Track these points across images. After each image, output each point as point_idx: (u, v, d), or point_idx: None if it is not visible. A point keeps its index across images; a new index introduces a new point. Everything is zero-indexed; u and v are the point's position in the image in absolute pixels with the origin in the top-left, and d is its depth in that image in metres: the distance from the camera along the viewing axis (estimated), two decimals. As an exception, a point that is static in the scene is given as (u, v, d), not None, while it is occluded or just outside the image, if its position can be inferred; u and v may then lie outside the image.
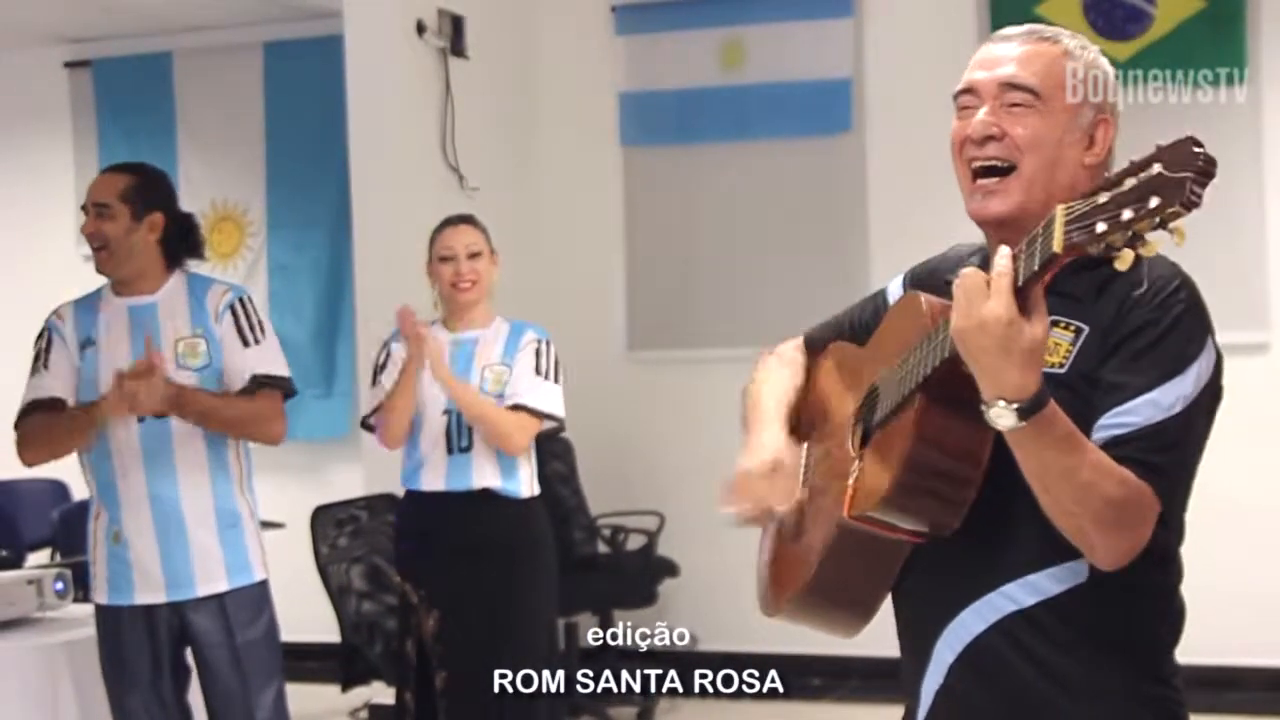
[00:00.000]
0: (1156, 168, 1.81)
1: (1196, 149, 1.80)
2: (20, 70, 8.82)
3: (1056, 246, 1.85)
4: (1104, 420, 2.06)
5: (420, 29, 6.78)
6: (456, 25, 6.96)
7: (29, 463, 4.31)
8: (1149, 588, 2.18)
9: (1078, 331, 2.13)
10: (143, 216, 4.28)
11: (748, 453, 2.38)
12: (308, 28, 7.99)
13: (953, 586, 2.21)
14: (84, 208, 4.31)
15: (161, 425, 4.18)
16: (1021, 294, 1.91)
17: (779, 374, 2.54)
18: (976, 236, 2.35)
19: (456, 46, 6.96)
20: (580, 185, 7.70)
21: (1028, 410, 1.93)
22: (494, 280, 4.94)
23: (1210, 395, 2.12)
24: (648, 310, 7.60)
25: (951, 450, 2.09)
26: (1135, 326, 2.10)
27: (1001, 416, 1.94)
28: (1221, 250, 6.65)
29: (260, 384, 4.26)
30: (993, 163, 2.22)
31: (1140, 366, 2.08)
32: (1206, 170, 1.79)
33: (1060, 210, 1.87)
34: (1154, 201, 1.79)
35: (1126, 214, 1.80)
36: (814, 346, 2.56)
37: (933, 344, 2.07)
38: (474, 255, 4.87)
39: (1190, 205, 1.78)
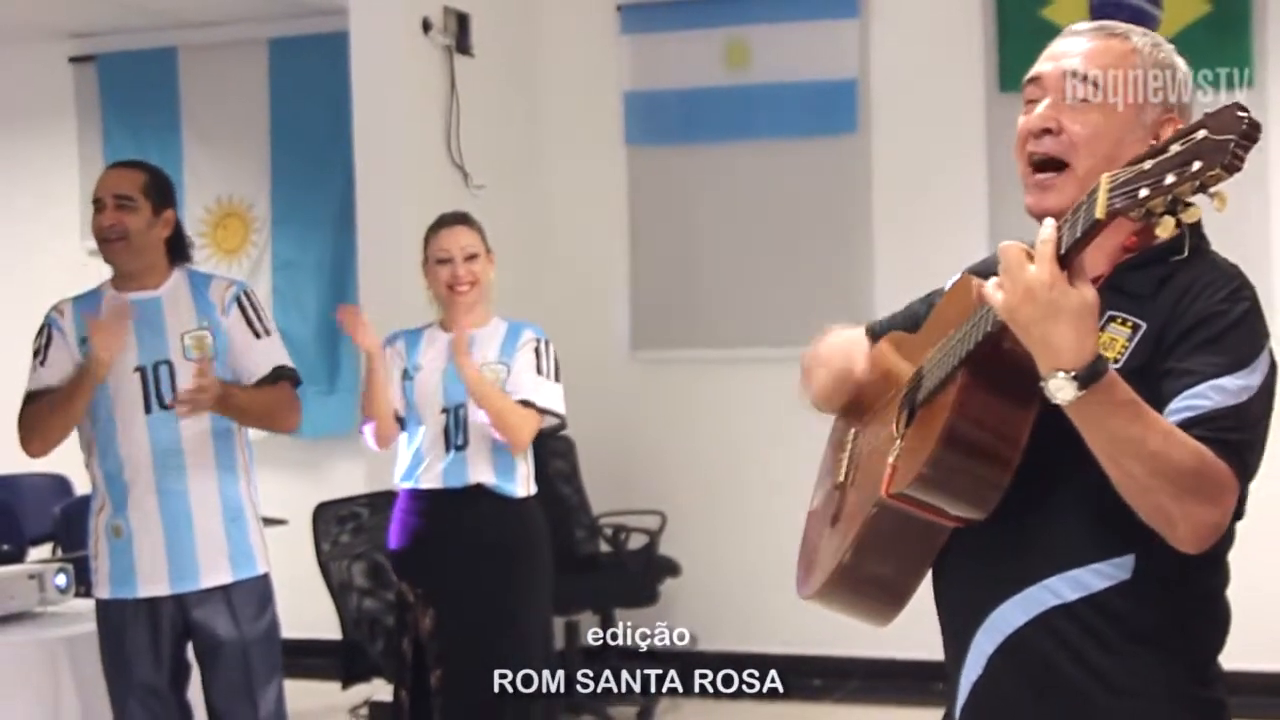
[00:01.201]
0: (1202, 133, 1.80)
1: (1240, 113, 1.80)
2: (25, 65, 8.81)
3: (1099, 213, 1.85)
4: (1174, 405, 2.03)
5: (426, 27, 6.77)
6: (462, 23, 6.96)
7: (33, 453, 4.31)
8: (1195, 589, 2.16)
9: (1135, 327, 2.11)
10: (160, 212, 4.35)
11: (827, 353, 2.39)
12: (313, 24, 7.98)
13: (995, 577, 2.19)
14: (98, 200, 4.30)
15: (169, 417, 4.20)
16: (1064, 261, 1.90)
17: (842, 336, 2.49)
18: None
19: (462, 44, 6.95)
20: (585, 184, 7.69)
21: (1086, 378, 1.90)
22: (491, 280, 4.92)
23: (1271, 397, 2.10)
24: (651, 310, 7.60)
25: (990, 429, 2.07)
26: (1202, 317, 2.08)
27: (1061, 389, 1.92)
28: (1224, 251, 6.64)
29: (281, 374, 4.33)
30: (1048, 157, 2.20)
31: (1208, 354, 2.05)
32: (1250, 134, 1.79)
33: (1105, 178, 1.86)
34: (1196, 165, 1.79)
35: (1169, 178, 1.80)
36: (874, 335, 2.53)
37: (976, 320, 2.05)
38: (471, 257, 4.84)
39: (1232, 168, 1.79)
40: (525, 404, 4.75)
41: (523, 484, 4.85)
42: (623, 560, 7.10)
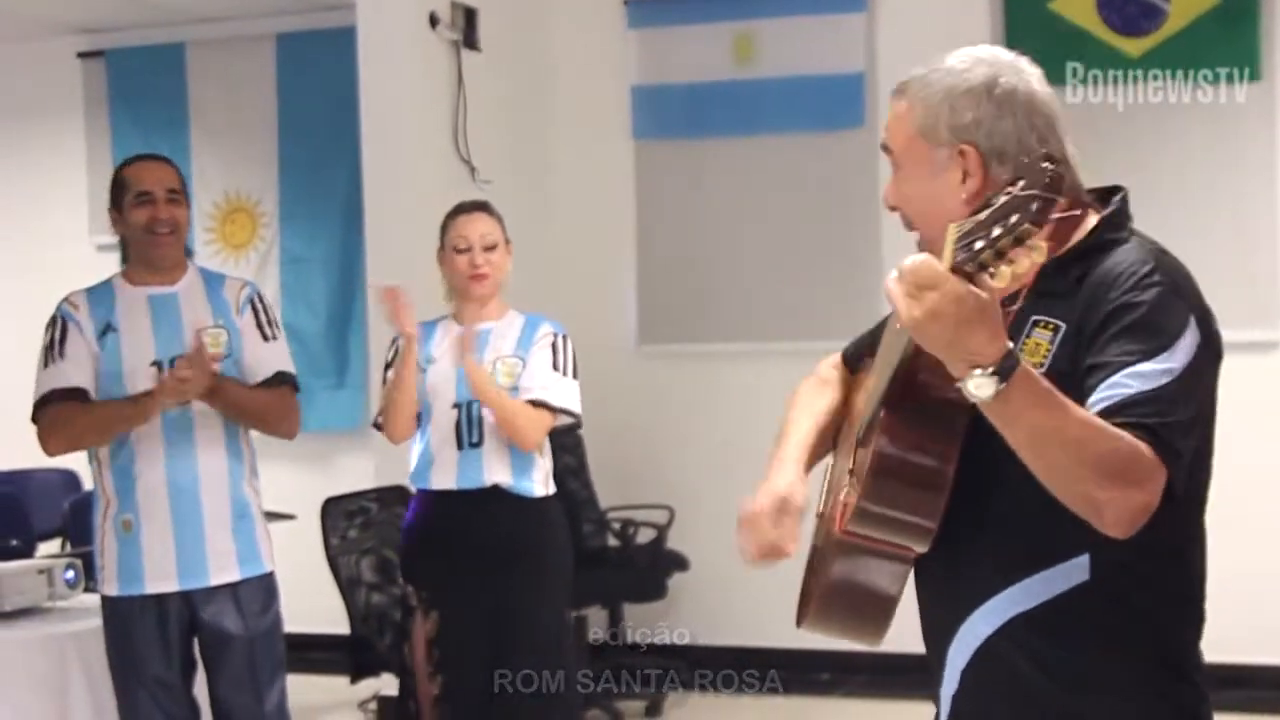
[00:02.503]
0: (1020, 184, 1.83)
1: (1045, 164, 1.83)
2: (33, 61, 8.83)
3: (945, 267, 1.88)
4: (1094, 397, 2.04)
5: (433, 21, 6.77)
6: (469, 18, 6.96)
7: (53, 452, 4.31)
8: (1161, 582, 2.17)
9: (1056, 329, 2.13)
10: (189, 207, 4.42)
11: (762, 489, 2.39)
12: (320, 19, 7.99)
13: (957, 593, 2.22)
14: (145, 193, 4.29)
15: (183, 414, 4.22)
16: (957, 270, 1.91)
17: (810, 399, 2.55)
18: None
19: (469, 39, 6.95)
20: (592, 179, 7.69)
21: (1004, 371, 1.91)
22: (508, 271, 4.77)
23: (1198, 378, 2.09)
24: (658, 304, 7.60)
25: (917, 457, 2.11)
26: (1115, 307, 2.09)
27: (981, 386, 1.92)
28: (1231, 248, 6.65)
29: (283, 379, 4.33)
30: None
31: (1124, 343, 2.06)
32: (1052, 186, 1.81)
33: (951, 229, 1.89)
34: (1013, 218, 1.81)
35: (995, 230, 1.82)
36: (850, 362, 2.58)
37: (895, 351, 2.09)
38: (490, 246, 4.68)
39: (1037, 222, 1.80)
40: (538, 404, 4.58)
41: (541, 483, 4.68)
42: (631, 555, 7.09)
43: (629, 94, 7.61)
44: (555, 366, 4.65)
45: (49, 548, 7.71)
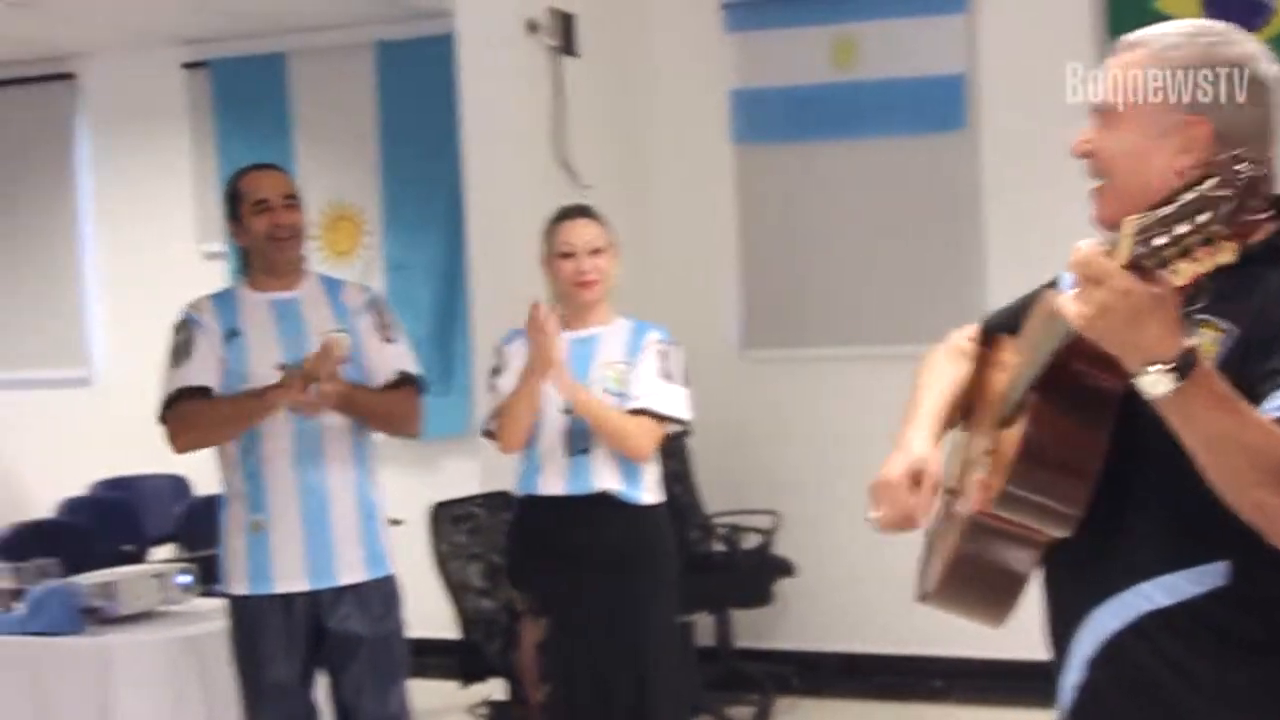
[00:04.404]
0: (1212, 180, 1.78)
1: (1238, 165, 1.78)
2: (139, 72, 8.97)
3: (1122, 262, 1.84)
4: (1267, 404, 2.00)
5: (531, 28, 6.80)
6: (568, 24, 6.98)
7: (182, 449, 4.37)
8: None
9: (1225, 332, 2.08)
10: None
11: (894, 455, 2.36)
12: (419, 27, 8.05)
13: (1088, 582, 2.19)
14: (262, 201, 4.36)
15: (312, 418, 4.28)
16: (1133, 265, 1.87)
17: (944, 368, 2.52)
18: (1090, 236, 2.35)
19: (568, 45, 6.97)
20: (692, 183, 7.70)
21: (1184, 367, 1.88)
22: (616, 276, 4.69)
23: None
24: (761, 309, 7.58)
25: (1066, 444, 2.09)
26: None
27: (1157, 383, 1.89)
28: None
29: (406, 380, 4.41)
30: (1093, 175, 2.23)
31: None
32: (1249, 189, 1.76)
33: (1128, 223, 1.86)
34: (1203, 216, 1.77)
35: (1181, 227, 1.78)
36: (991, 332, 2.54)
37: (1052, 336, 2.07)
38: (596, 251, 4.62)
39: (1227, 223, 1.76)
40: (648, 412, 4.52)
41: (650, 490, 4.62)
42: (737, 560, 7.08)
43: (727, 99, 7.61)
44: (664, 374, 4.59)
45: (161, 553, 7.82)
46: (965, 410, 2.49)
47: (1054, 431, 2.09)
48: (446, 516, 6.15)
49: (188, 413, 4.28)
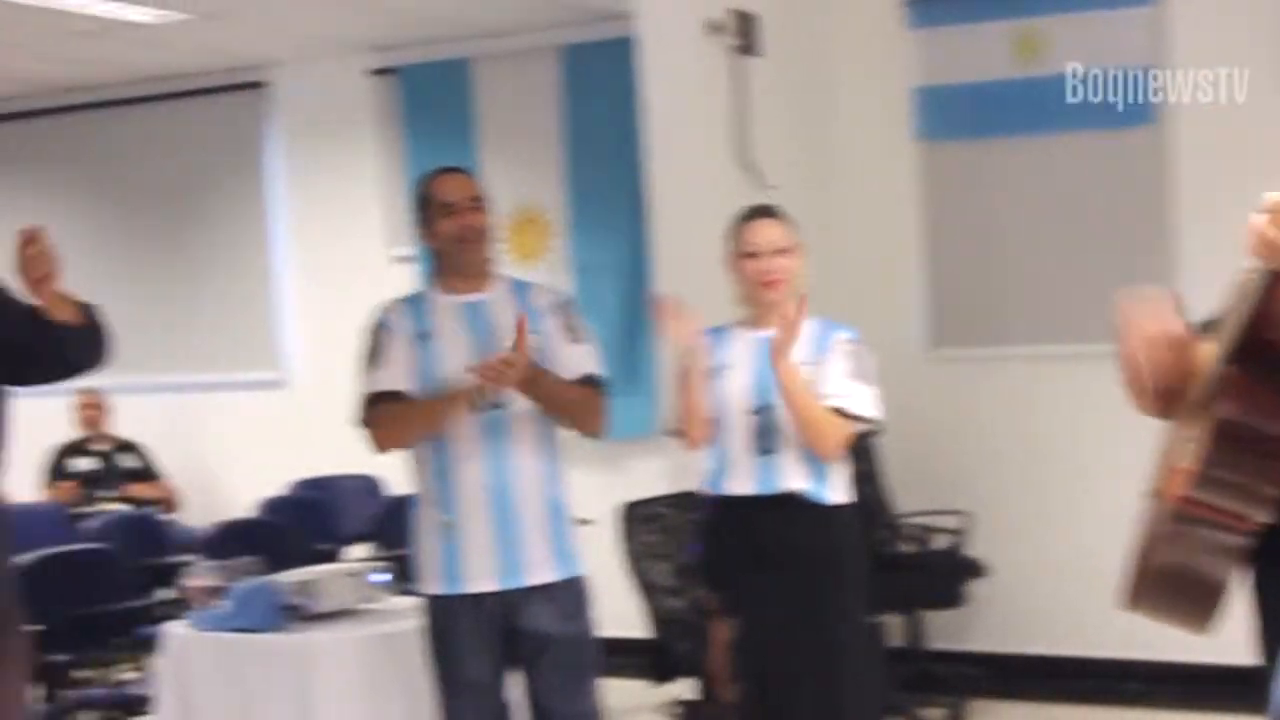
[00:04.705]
0: None
1: None
2: (328, 79, 9.15)
3: None
4: None
5: (713, 29, 6.82)
6: (749, 24, 6.99)
7: (384, 448, 4.41)
8: None
9: None
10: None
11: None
12: (602, 30, 8.09)
13: None
14: (448, 204, 4.42)
15: (500, 415, 4.33)
16: None
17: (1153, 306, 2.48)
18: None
19: (749, 45, 6.98)
20: (876, 181, 7.65)
21: None
22: (801, 277, 4.65)
23: None
24: (949, 307, 7.52)
25: (1264, 418, 2.04)
26: None
27: None
28: None
29: (591, 381, 4.45)
30: None
31: None
32: None
33: None
34: None
35: None
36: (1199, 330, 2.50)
37: (1242, 303, 2.02)
38: (780, 251, 4.60)
39: None
40: (838, 411, 4.49)
41: (838, 490, 4.59)
42: (927, 561, 7.03)
43: (912, 95, 7.56)
44: (853, 374, 4.56)
45: (355, 552, 7.96)
46: (1173, 395, 2.44)
47: (1251, 404, 2.04)
48: (636, 516, 6.18)
49: (389, 414, 4.35)
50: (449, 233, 4.42)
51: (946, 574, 7.03)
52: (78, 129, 9.97)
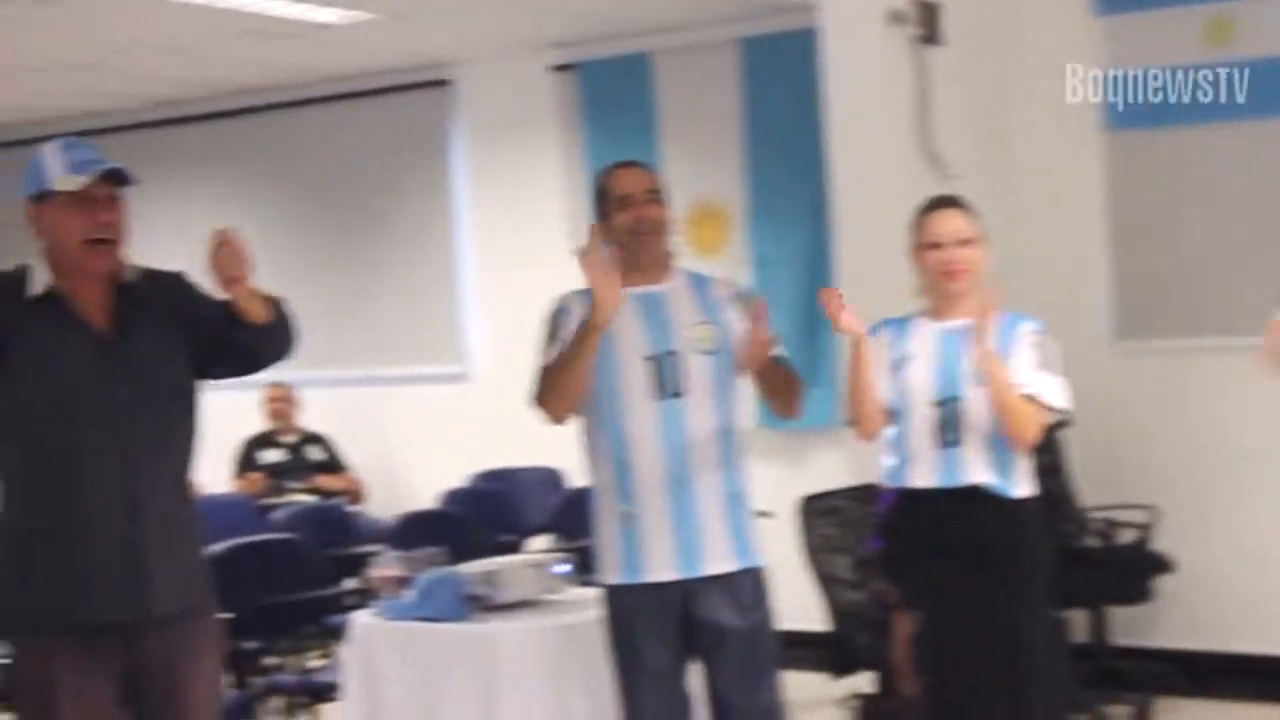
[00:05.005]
0: None
1: None
2: (510, 76, 9.24)
3: None
4: None
5: (895, 19, 6.78)
6: (932, 13, 6.94)
7: (552, 413, 4.40)
8: None
9: None
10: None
11: None
12: (782, 22, 8.08)
13: None
14: (626, 197, 4.45)
15: (677, 406, 4.35)
16: None
17: None
18: None
19: (932, 35, 6.94)
20: (1061, 170, 7.54)
21: None
22: (985, 268, 4.60)
23: None
24: (1135, 298, 7.39)
25: None
26: None
27: None
28: None
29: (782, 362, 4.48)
30: None
31: None
32: None
33: None
34: None
35: None
36: None
37: None
38: (964, 242, 4.55)
39: None
40: (1029, 400, 4.44)
41: (1022, 484, 4.55)
42: (1112, 556, 6.92)
43: (1098, 82, 7.42)
44: (1041, 364, 4.51)
45: (537, 543, 8.03)
46: None
47: None
48: (815, 509, 6.17)
49: (543, 381, 4.39)
50: (625, 225, 4.44)
51: (1132, 569, 6.92)
52: (266, 129, 10.19)
